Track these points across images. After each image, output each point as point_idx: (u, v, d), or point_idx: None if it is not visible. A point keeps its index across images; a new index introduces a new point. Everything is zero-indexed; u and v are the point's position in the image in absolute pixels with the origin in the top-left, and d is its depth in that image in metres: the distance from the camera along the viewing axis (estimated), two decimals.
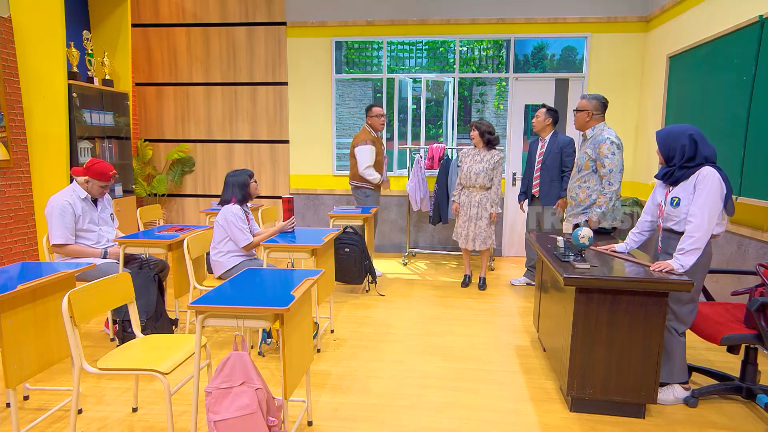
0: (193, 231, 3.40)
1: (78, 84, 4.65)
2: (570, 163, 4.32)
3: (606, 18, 5.49)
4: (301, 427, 2.34)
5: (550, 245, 3.06)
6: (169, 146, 6.20)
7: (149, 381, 2.73)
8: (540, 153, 4.47)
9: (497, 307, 4.13)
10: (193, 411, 1.99)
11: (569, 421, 2.44)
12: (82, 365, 1.99)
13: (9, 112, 4.33)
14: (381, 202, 5.98)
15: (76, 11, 5.05)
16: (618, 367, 2.41)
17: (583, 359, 2.43)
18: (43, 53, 4.37)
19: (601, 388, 2.43)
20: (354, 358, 3.12)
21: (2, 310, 2.02)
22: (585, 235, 2.65)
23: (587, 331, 2.42)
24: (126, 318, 3.16)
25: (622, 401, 2.44)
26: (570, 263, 2.54)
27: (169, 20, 5.97)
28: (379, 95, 8.38)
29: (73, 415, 2.07)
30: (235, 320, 1.89)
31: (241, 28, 5.91)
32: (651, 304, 2.33)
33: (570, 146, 4.36)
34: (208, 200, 6.17)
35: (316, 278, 2.21)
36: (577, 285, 2.37)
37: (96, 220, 3.35)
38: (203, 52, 6.01)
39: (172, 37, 6.01)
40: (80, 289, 2.04)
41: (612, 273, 2.39)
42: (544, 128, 4.43)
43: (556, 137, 4.40)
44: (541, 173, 4.44)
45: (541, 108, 4.47)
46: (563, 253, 2.72)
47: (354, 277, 4.30)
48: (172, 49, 6.04)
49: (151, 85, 6.13)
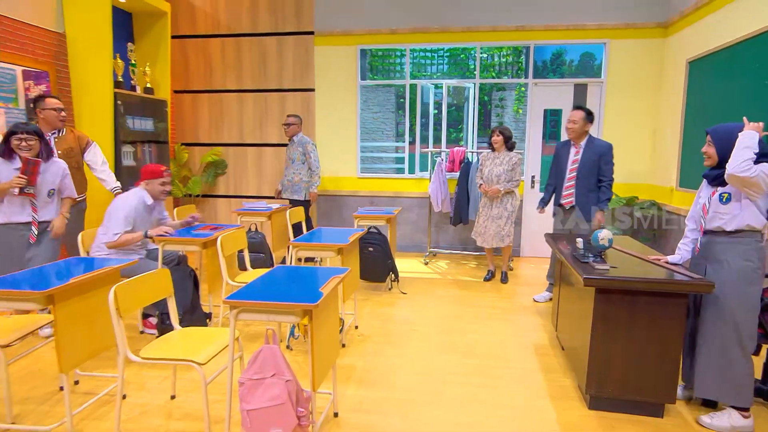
0: (226, 230, 3.45)
1: (122, 92, 4.79)
2: (609, 172, 3.76)
3: (624, 24, 5.38)
4: (328, 418, 2.36)
5: (569, 246, 3.01)
6: (204, 150, 6.32)
7: (186, 370, 2.78)
8: (574, 160, 3.86)
9: (516, 306, 4.09)
10: (227, 400, 2.03)
11: (588, 418, 2.41)
12: (127, 354, 2.05)
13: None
14: (404, 204, 5.98)
15: (121, 25, 5.21)
16: (637, 367, 2.36)
17: (602, 358, 2.39)
18: (92, 64, 4.52)
19: (620, 386, 2.39)
20: (378, 353, 3.13)
21: (57, 302, 2.09)
22: (605, 236, 2.61)
23: (606, 330, 2.38)
24: (164, 311, 3.24)
25: (641, 400, 2.39)
26: (590, 264, 2.50)
27: (204, 32, 6.10)
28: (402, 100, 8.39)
29: (118, 400, 2.14)
30: (267, 315, 1.93)
31: (271, 38, 6.00)
32: (671, 305, 2.28)
33: (610, 153, 3.77)
34: (239, 201, 6.27)
35: (342, 276, 2.23)
36: (596, 285, 2.33)
37: (148, 219, 3.39)
38: (236, 60, 6.11)
39: (207, 47, 6.13)
40: (125, 283, 2.10)
41: (632, 274, 2.35)
42: (582, 134, 3.84)
43: (593, 142, 3.83)
44: (576, 183, 3.84)
45: (577, 111, 3.82)
46: (582, 254, 2.69)
47: (377, 276, 4.31)
48: (207, 58, 6.16)
49: (187, 93, 6.26)
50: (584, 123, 3.79)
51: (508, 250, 4.73)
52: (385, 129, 9.83)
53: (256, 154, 6.24)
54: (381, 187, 6.08)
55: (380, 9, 5.76)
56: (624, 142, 5.33)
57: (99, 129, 4.59)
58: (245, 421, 1.87)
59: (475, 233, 4.70)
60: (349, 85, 5.96)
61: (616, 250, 2.89)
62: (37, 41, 4.28)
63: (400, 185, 6.07)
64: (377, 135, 9.63)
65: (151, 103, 5.31)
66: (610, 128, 5.50)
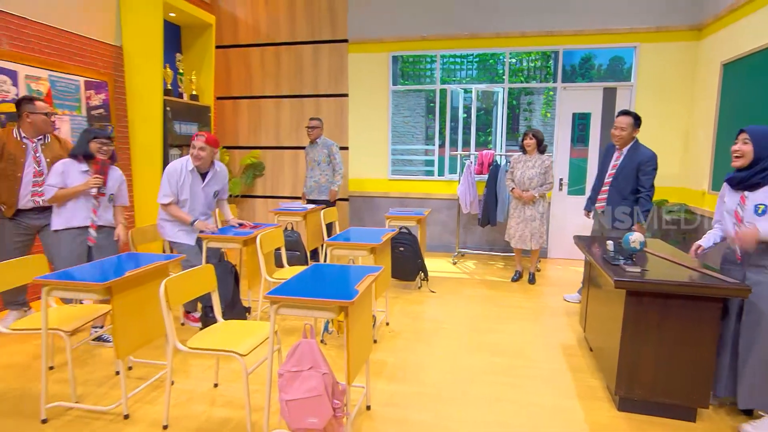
0: (264, 229, 3.52)
1: (170, 99, 4.95)
2: (647, 183, 3.45)
3: (656, 28, 5.19)
4: (361, 410, 2.38)
5: (599, 248, 2.94)
6: (243, 152, 6.46)
7: (227, 360, 2.86)
8: (614, 165, 3.62)
9: (544, 306, 4.02)
10: (266, 389, 2.07)
11: (617, 419, 2.34)
12: (175, 344, 2.12)
13: (117, 124, 4.70)
14: (433, 205, 5.95)
15: (171, 37, 5.39)
16: (668, 370, 2.28)
17: (632, 360, 2.32)
18: (145, 74, 4.71)
19: (650, 389, 2.31)
20: (408, 350, 3.13)
21: (114, 293, 2.19)
22: (636, 239, 2.53)
23: (637, 332, 2.31)
24: (208, 304, 3.33)
25: (672, 403, 2.31)
26: (620, 266, 2.43)
27: (246, 41, 6.24)
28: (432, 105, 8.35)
29: (167, 386, 2.22)
30: (305, 311, 1.96)
31: (307, 46, 6.08)
32: (705, 309, 2.19)
33: (649, 163, 3.44)
34: (276, 201, 6.39)
35: (377, 274, 2.24)
36: (627, 288, 2.27)
37: (196, 192, 3.40)
38: (274, 68, 6.23)
39: (248, 56, 6.27)
40: (174, 277, 2.17)
41: (664, 277, 2.26)
42: (629, 140, 3.57)
43: (637, 149, 3.52)
44: (610, 189, 3.63)
45: (625, 117, 3.54)
46: (613, 256, 2.61)
47: (407, 274, 4.31)
48: (247, 66, 6.30)
49: (228, 99, 6.42)
50: (632, 129, 3.54)
51: (537, 251, 4.65)
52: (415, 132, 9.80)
53: (292, 157, 6.34)
54: (411, 188, 6.08)
55: (412, 17, 5.76)
56: (654, 145, 5.07)
57: (150, 133, 4.77)
58: (284, 410, 1.91)
59: (508, 235, 4.65)
60: (381, 90, 5.98)
61: (647, 253, 2.80)
62: (98, 54, 4.48)
63: (429, 187, 6.05)
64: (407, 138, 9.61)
65: (196, 109, 5.47)
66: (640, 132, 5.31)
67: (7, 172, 3.10)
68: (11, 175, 3.11)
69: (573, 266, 5.40)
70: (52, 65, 4.02)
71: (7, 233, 3.20)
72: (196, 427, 2.23)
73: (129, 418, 2.29)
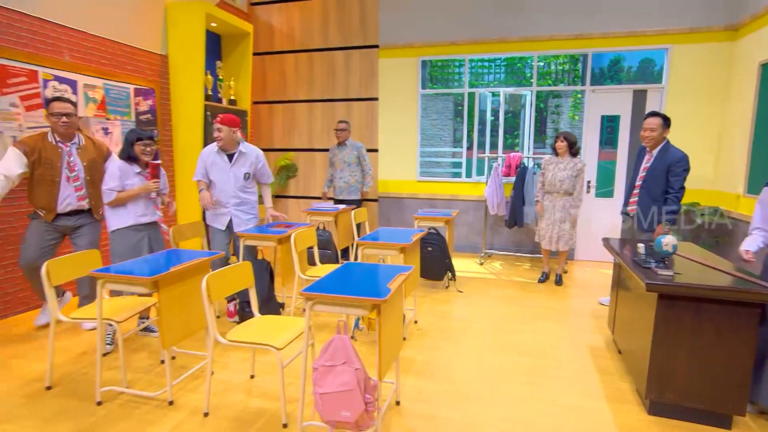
0: (298, 228, 3.57)
1: (211, 104, 5.10)
2: (676, 184, 3.36)
3: (689, 29, 4.99)
4: (390, 405, 2.39)
5: (629, 251, 2.85)
6: (277, 154, 6.58)
7: (263, 353, 2.92)
8: (644, 167, 3.52)
9: (570, 308, 3.93)
10: (301, 382, 2.10)
11: (647, 423, 2.27)
12: (216, 336, 2.18)
13: (162, 128, 4.87)
14: (460, 206, 5.91)
15: (212, 46, 5.55)
16: (702, 376, 2.19)
17: (663, 364, 2.25)
18: (188, 81, 4.86)
19: (682, 394, 2.23)
20: (436, 348, 3.12)
21: (160, 287, 2.27)
22: (669, 242, 2.44)
23: (668, 336, 2.23)
24: (245, 299, 3.41)
25: (706, 410, 2.22)
26: (652, 269, 2.36)
27: (281, 48, 6.35)
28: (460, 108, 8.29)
29: (208, 376, 2.29)
30: (339, 308, 1.98)
31: (339, 52, 6.14)
32: (743, 315, 2.10)
33: (680, 164, 3.33)
34: (308, 201, 6.47)
35: (408, 273, 2.25)
36: (659, 291, 2.19)
37: (224, 173, 3.43)
38: (307, 73, 6.31)
39: (282, 62, 6.38)
40: (215, 273, 2.23)
41: (698, 281, 2.18)
42: (659, 141, 3.47)
43: (667, 151, 3.42)
44: (640, 191, 3.53)
45: (655, 118, 3.44)
46: (644, 259, 2.53)
47: (435, 274, 4.29)
48: (282, 72, 6.41)
49: (264, 103, 6.55)
50: (662, 130, 3.44)
51: (565, 253, 4.56)
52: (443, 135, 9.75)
53: (324, 159, 6.41)
54: (438, 190, 6.05)
55: (441, 22, 5.74)
56: (685, 147, 4.88)
57: (191, 136, 4.92)
58: (317, 403, 1.93)
59: (539, 236, 4.57)
60: (410, 94, 5.98)
61: (679, 257, 2.70)
62: (147, 63, 4.66)
63: (456, 189, 6.00)
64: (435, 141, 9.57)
65: (234, 113, 5.61)
66: (671, 134, 5.12)
67: (45, 177, 3.02)
68: (49, 179, 3.03)
69: (601, 269, 5.26)
70: (107, 74, 4.20)
71: (41, 234, 3.11)
72: (234, 415, 2.29)
73: (173, 405, 2.37)
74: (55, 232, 3.16)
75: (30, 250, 3.10)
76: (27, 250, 3.10)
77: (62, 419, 2.26)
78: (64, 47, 3.84)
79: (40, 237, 3.11)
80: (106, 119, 4.21)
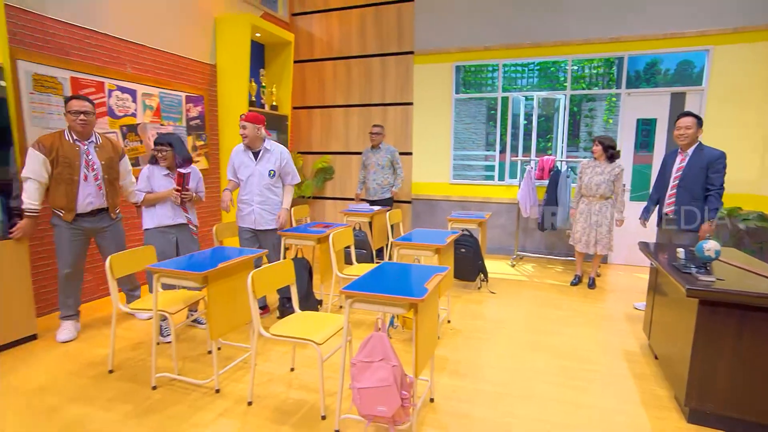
0: (336, 228, 3.61)
1: (254, 110, 5.24)
2: (717, 181, 3.29)
3: (732, 29, 4.73)
4: (425, 402, 2.37)
5: (667, 255, 2.72)
6: (315, 157, 6.67)
7: (302, 347, 2.96)
8: (679, 168, 3.45)
9: (604, 311, 3.79)
10: (339, 376, 2.12)
11: (686, 431, 2.16)
12: (260, 330, 2.24)
13: (210, 132, 5.04)
14: (492, 209, 5.81)
15: (256, 55, 5.70)
16: (746, 385, 2.07)
17: (705, 372, 2.13)
18: (234, 88, 5.02)
19: (725, 403, 2.11)
20: (469, 347, 3.08)
21: (210, 282, 2.35)
22: (711, 247, 2.32)
23: (709, 343, 2.11)
24: (286, 296, 3.48)
25: (752, 421, 2.09)
26: (692, 275, 2.24)
27: (320, 56, 6.44)
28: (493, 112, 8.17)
29: (252, 368, 2.35)
30: (378, 306, 1.98)
31: (375, 59, 6.17)
32: None
33: (720, 161, 3.29)
34: (345, 202, 6.54)
35: (444, 274, 2.23)
36: (701, 297, 2.08)
37: (250, 170, 3.36)
38: (345, 79, 6.38)
39: (321, 69, 6.47)
40: (259, 270, 2.29)
41: (742, 287, 2.06)
42: (693, 141, 3.42)
43: (702, 150, 3.38)
44: (678, 191, 3.45)
45: (689, 117, 3.38)
46: (684, 264, 2.42)
47: (468, 275, 4.24)
48: (321, 78, 6.50)
49: (303, 108, 6.66)
50: (697, 129, 3.38)
51: (599, 256, 4.40)
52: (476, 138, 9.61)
53: (360, 161, 6.45)
54: (471, 192, 5.98)
55: (475, 28, 5.67)
56: (727, 150, 4.62)
57: (237, 141, 5.04)
58: (355, 397, 1.95)
59: (574, 239, 4.43)
60: (445, 98, 5.93)
61: (721, 262, 2.56)
62: (197, 72, 4.84)
63: (489, 191, 5.91)
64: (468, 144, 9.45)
65: (275, 119, 5.74)
66: (712, 136, 4.87)
67: (64, 176, 2.93)
68: (68, 178, 2.94)
69: (635, 273, 5.06)
70: (162, 83, 4.39)
71: (69, 239, 3.04)
72: (276, 405, 2.33)
73: (219, 393, 2.44)
74: (81, 235, 3.09)
75: (65, 257, 3.06)
76: (63, 258, 3.06)
77: (123, 401, 2.37)
78: (126, 60, 4.04)
79: (69, 242, 3.05)
80: (161, 125, 4.39)
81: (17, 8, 3.26)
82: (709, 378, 2.13)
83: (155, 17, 4.29)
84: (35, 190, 2.87)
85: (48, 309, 3.56)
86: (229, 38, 4.95)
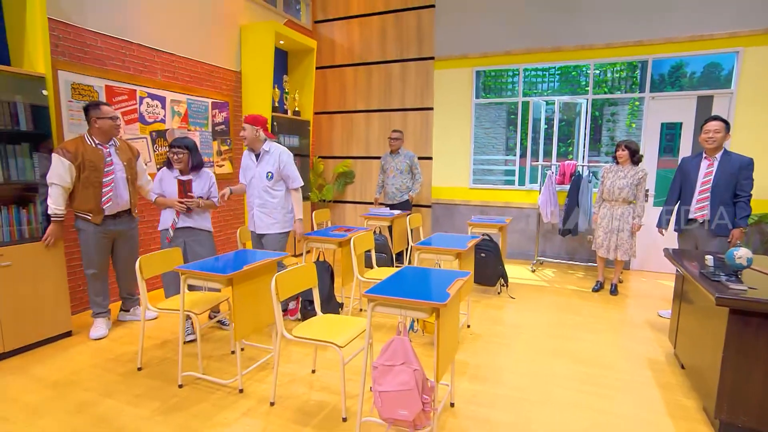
0: (357, 232, 3.62)
1: (277, 115, 5.31)
2: (748, 187, 3.24)
3: (762, 30, 4.57)
4: (445, 407, 2.36)
5: (695, 263, 2.64)
6: (336, 162, 6.72)
7: (324, 349, 2.98)
8: (707, 173, 3.38)
9: (627, 318, 3.69)
10: (361, 379, 2.12)
11: None
12: (282, 332, 2.26)
13: (234, 137, 5.13)
14: (512, 214, 5.75)
15: (279, 62, 5.80)
16: None
17: (736, 383, 2.05)
18: (258, 94, 5.10)
19: (759, 417, 2.02)
20: (489, 352, 3.05)
21: (234, 284, 2.38)
22: (743, 255, 2.24)
23: (740, 354, 2.03)
24: (307, 298, 3.50)
25: None
26: (722, 283, 2.17)
27: (341, 62, 6.50)
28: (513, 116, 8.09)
29: (275, 369, 2.37)
30: (399, 310, 1.98)
31: (396, 64, 6.18)
32: None
33: (750, 168, 3.25)
34: (365, 206, 6.55)
35: (465, 279, 2.21)
36: (731, 306, 2.01)
37: (252, 172, 3.36)
38: (365, 85, 6.41)
39: (343, 75, 6.52)
40: (283, 273, 2.31)
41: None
42: (720, 146, 3.35)
43: (730, 156, 3.31)
44: (711, 195, 3.35)
45: (718, 121, 3.30)
46: (712, 272, 2.34)
47: (488, 280, 4.19)
48: (342, 84, 6.55)
49: (324, 114, 6.72)
50: (725, 134, 3.30)
51: (621, 262, 4.30)
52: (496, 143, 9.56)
53: (380, 166, 6.47)
54: (491, 197, 5.92)
55: (495, 33, 5.63)
56: (757, 155, 4.52)
57: None
58: (377, 400, 1.94)
59: (596, 245, 4.35)
60: (465, 103, 5.91)
61: (752, 270, 2.46)
62: (222, 79, 4.94)
63: (509, 196, 5.85)
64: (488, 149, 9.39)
65: (297, 124, 5.81)
66: (742, 140, 4.72)
67: (91, 179, 3.01)
68: (95, 181, 3.02)
69: (659, 279, 4.91)
70: (189, 90, 4.50)
71: (96, 242, 3.12)
72: (298, 406, 2.35)
73: (243, 393, 2.47)
74: (105, 238, 3.16)
75: (92, 259, 3.14)
76: (90, 260, 3.14)
77: (151, 398, 2.42)
78: (157, 68, 4.16)
79: (95, 244, 3.13)
80: (188, 130, 4.50)
81: (60, 21, 3.39)
82: (741, 390, 2.05)
83: (185, 27, 4.40)
84: (59, 196, 2.94)
85: (82, 307, 3.68)
86: (254, 46, 5.05)
